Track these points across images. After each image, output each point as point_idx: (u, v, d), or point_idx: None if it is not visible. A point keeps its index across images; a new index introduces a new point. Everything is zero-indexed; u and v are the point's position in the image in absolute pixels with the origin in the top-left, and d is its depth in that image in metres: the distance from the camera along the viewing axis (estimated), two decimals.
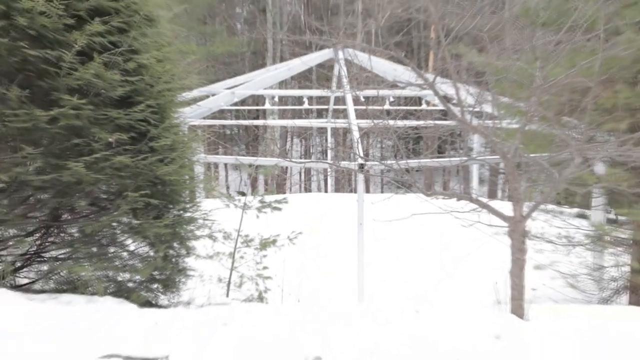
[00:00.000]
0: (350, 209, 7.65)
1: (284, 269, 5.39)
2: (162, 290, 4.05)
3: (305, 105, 12.63)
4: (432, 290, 6.86)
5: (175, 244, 4.01)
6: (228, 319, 2.86)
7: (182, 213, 4.01)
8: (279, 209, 5.17)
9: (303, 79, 18.72)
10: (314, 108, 18.14)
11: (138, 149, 3.45)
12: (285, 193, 18.61)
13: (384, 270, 7.51)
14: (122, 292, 3.75)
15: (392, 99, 9.96)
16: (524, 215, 3.50)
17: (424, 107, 10.95)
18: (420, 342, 2.65)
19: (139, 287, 3.93)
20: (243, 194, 5.33)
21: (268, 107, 12.43)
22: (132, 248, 3.94)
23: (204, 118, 10.38)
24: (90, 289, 3.53)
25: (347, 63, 8.46)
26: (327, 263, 7.97)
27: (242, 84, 10.48)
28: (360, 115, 7.66)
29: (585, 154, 3.72)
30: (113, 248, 3.90)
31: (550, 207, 6.42)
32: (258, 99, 17.70)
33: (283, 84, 19.29)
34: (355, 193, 7.30)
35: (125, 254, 3.93)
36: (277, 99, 14.20)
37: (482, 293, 5.48)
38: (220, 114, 13.72)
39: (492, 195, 18.17)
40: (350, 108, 7.86)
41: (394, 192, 7.67)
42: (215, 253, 4.79)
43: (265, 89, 11.46)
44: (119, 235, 3.87)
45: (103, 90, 3.28)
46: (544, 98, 3.72)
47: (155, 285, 4.02)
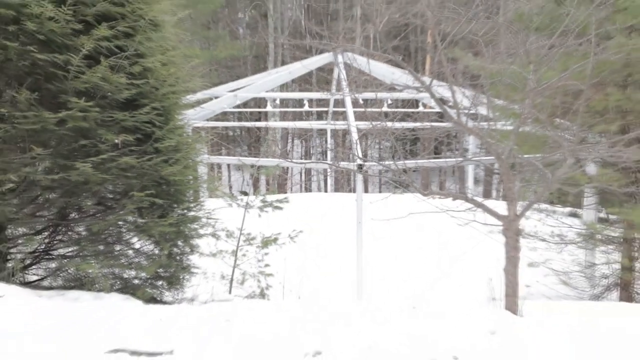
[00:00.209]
0: (350, 209, 7.71)
1: (285, 267, 5.45)
2: (166, 287, 4.11)
3: (306, 108, 12.67)
4: (429, 288, 6.93)
5: (180, 242, 4.07)
6: (231, 315, 2.90)
7: (186, 212, 4.08)
8: (280, 208, 5.25)
9: (303, 82, 18.74)
10: (314, 110, 18.17)
11: (143, 150, 3.52)
12: (286, 193, 18.64)
13: (383, 269, 7.57)
14: (127, 289, 3.82)
15: (390, 102, 10.07)
16: (518, 214, 3.56)
17: (421, 109, 11.01)
18: (418, 340, 2.69)
19: (144, 284, 4.00)
20: (245, 194, 5.40)
21: (270, 109, 12.47)
22: (137, 246, 4.00)
23: (208, 120, 10.45)
24: (97, 286, 3.59)
25: (346, 66, 8.51)
26: (326, 262, 8.01)
27: (244, 87, 10.57)
28: (359, 117, 7.78)
29: (578, 155, 3.79)
30: (119, 246, 3.98)
31: (544, 206, 6.52)
32: (260, 102, 17.71)
33: (284, 87, 19.32)
34: (354, 193, 7.37)
35: (131, 252, 4.00)
36: (278, 102, 14.25)
37: (477, 290, 5.54)
38: (223, 116, 13.79)
39: (487, 195, 18.24)
40: (350, 110, 7.93)
41: (392, 191, 7.75)
42: (219, 251, 4.86)
43: (267, 92, 11.49)
44: (125, 234, 3.95)
45: (109, 93, 3.35)
46: (538, 100, 3.77)
47: (160, 282, 4.08)
